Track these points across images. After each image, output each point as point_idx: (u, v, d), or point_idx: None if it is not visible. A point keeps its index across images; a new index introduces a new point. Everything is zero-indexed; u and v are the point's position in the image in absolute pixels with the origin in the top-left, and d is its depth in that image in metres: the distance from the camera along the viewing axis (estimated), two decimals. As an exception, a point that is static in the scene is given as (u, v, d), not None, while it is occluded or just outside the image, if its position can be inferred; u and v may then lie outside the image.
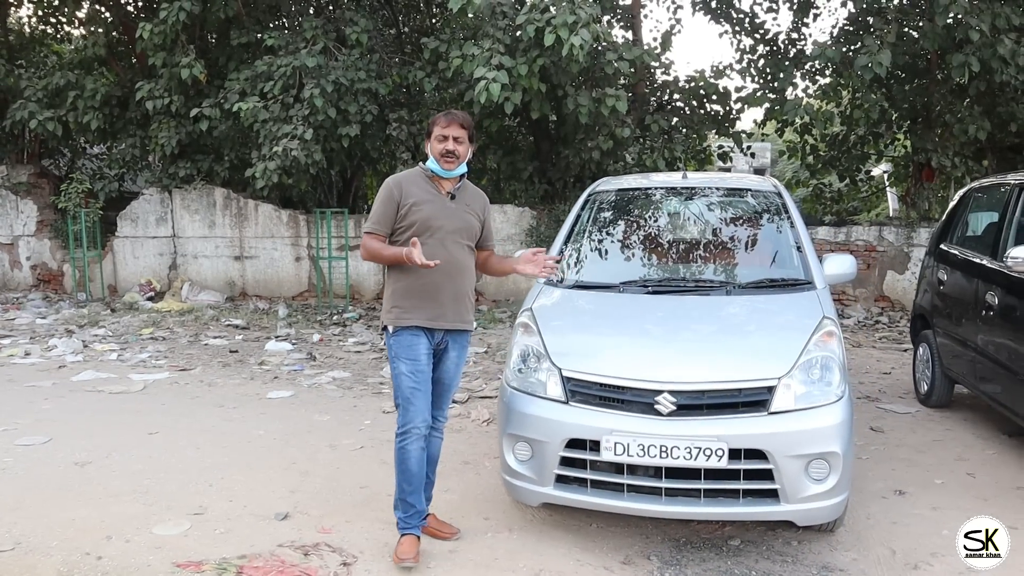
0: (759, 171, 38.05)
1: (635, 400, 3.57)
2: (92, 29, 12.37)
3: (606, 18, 11.93)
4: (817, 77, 12.25)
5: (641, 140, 11.20)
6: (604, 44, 9.72)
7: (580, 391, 3.67)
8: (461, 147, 3.78)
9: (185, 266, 12.63)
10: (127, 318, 10.80)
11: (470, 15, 8.75)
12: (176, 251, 12.66)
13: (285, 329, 10.05)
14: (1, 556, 3.73)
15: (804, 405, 3.55)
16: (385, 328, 3.81)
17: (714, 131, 12.17)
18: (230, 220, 12.34)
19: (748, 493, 3.52)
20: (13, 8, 13.76)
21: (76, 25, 13.71)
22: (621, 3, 12.44)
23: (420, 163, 3.96)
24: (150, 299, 12.14)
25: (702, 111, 11.87)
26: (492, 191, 12.59)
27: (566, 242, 4.80)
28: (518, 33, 9.16)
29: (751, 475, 3.48)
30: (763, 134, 16.49)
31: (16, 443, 5.40)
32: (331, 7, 12.58)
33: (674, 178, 5.43)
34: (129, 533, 3.97)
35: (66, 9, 11.97)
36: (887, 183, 14.96)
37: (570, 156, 10.91)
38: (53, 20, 13.70)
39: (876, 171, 15.23)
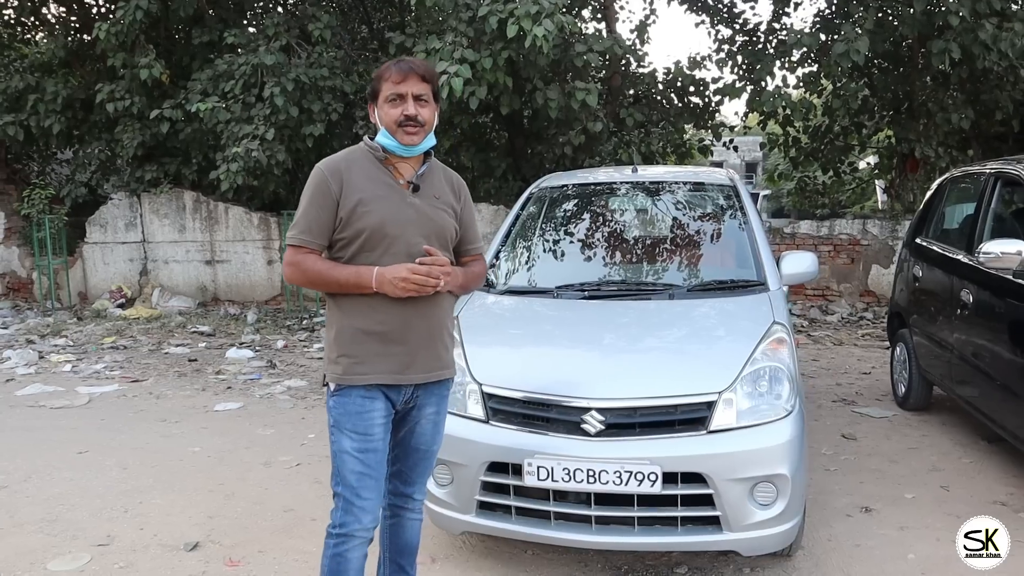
0: (751, 165, 37.77)
1: (560, 419, 3.21)
2: (53, 31, 12.01)
3: (580, 10, 11.58)
4: (797, 67, 11.86)
5: (617, 134, 10.86)
6: (574, 36, 9.36)
7: (501, 409, 3.31)
8: (425, 109, 2.55)
9: (156, 272, 12.27)
10: (91, 327, 10.47)
11: (429, 5, 8.36)
12: (146, 256, 12.30)
13: (250, 335, 9.72)
14: None
15: (748, 422, 3.20)
16: (326, 383, 2.62)
17: (692, 124, 11.80)
18: (200, 224, 11.98)
19: (687, 520, 3.18)
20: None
21: (39, 27, 13.34)
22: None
23: (365, 137, 2.69)
24: (120, 306, 11.79)
25: (680, 104, 11.51)
26: (467, 190, 12.24)
27: (503, 243, 4.46)
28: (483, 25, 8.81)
29: (689, 501, 3.13)
30: (745, 127, 16.12)
31: (-70, 467, 5.08)
32: (298, 3, 12.23)
33: (624, 172, 5.09)
34: (20, 570, 3.64)
35: (24, 10, 11.58)
36: (873, 175, 14.58)
37: (543, 152, 10.57)
38: (12, 22, 13.30)
39: (862, 163, 14.87)
